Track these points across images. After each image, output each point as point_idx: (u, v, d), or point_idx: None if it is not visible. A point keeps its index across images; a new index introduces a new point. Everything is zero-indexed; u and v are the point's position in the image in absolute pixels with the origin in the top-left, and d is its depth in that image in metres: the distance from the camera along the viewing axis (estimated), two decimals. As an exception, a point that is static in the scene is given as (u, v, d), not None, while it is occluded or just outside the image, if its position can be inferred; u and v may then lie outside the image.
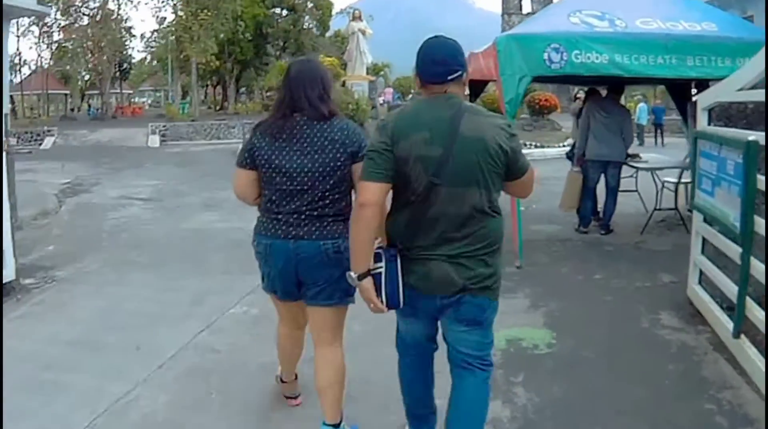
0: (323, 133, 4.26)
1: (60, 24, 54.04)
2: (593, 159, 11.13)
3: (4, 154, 7.86)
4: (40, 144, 36.50)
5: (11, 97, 59.01)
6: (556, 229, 11.67)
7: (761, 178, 5.31)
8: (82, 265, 9.96)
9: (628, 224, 11.86)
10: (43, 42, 57.45)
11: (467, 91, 4.88)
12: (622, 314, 7.40)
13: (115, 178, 21.37)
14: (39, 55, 62.57)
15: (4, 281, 8.05)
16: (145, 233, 12.32)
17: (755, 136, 5.38)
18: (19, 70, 60.38)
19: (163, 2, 52.98)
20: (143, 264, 10.00)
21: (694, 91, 14.84)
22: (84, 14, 52.94)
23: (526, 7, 66.26)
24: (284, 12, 66.16)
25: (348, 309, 4.65)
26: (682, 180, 11.87)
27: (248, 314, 7.57)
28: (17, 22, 53.33)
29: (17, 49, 59.18)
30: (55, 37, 56.30)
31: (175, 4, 51.75)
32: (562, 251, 10.29)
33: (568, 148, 23.44)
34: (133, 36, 59.42)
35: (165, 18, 52.71)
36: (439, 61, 3.90)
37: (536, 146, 25.12)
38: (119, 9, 54.59)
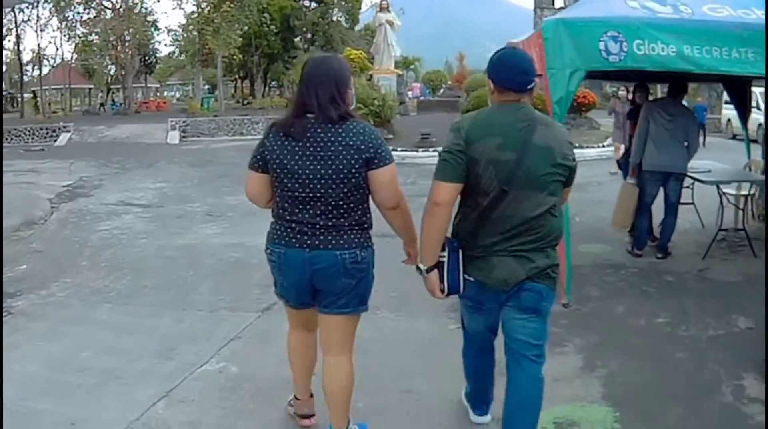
0: (337, 137, 4.08)
1: (82, 17, 52.87)
2: (652, 170, 9.44)
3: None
4: (55, 140, 35.45)
5: (33, 92, 58.23)
6: (605, 251, 10.02)
7: None
8: (48, 292, 8.59)
9: (686, 244, 10.25)
10: (64, 35, 56.37)
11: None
12: (698, 380, 5.83)
13: (121, 180, 20.01)
14: (57, 49, 61.50)
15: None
16: (131, 251, 10.81)
17: None
18: (39, 64, 59.28)
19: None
20: (117, 293, 8.54)
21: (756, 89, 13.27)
22: (106, 7, 51.72)
23: (558, 2, 65.01)
24: (312, 4, 65.03)
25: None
26: (743, 192, 10.36)
27: (224, 373, 6.00)
28: (37, 15, 52.72)
29: (38, 44, 58.13)
30: (77, 31, 54.99)
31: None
32: (615, 281, 8.64)
33: (607, 148, 22.21)
34: (158, 29, 58.06)
35: (194, 12, 51.27)
36: (522, 71, 4.17)
37: (574, 147, 23.22)
38: (142, 2, 53.27)
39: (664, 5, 7.63)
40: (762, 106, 20.66)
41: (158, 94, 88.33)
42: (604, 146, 23.26)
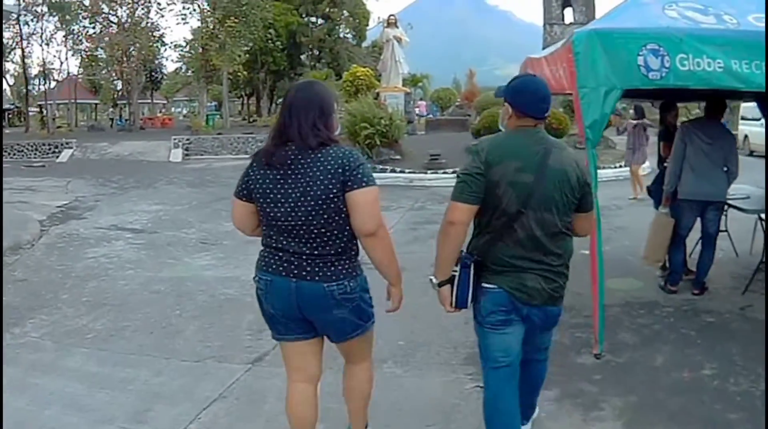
0: (316, 162, 4.03)
1: (87, 31, 52.40)
2: (689, 198, 8.52)
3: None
4: (57, 157, 34.96)
5: (39, 106, 57.79)
6: (635, 287, 9.08)
7: None
8: (22, 331, 7.80)
9: (721, 277, 9.32)
10: (69, 50, 55.89)
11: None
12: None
13: (117, 201, 19.27)
14: (62, 63, 61.02)
15: None
16: (116, 284, 9.93)
17: None
18: (45, 78, 58.83)
19: (188, 8, 51.04)
20: (95, 335, 7.69)
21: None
22: (112, 22, 51.25)
23: (568, 17, 64.56)
24: (319, 20, 64.63)
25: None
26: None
27: (204, 444, 5.11)
28: (42, 28, 52.45)
29: (43, 58, 57.73)
30: (83, 45, 54.53)
31: (201, 11, 49.81)
32: (651, 324, 7.71)
33: (624, 168, 21.27)
34: (164, 44, 57.41)
35: (200, 27, 50.83)
36: (542, 98, 4.43)
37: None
38: (148, 16, 52.60)
39: (707, 15, 6.77)
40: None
41: (164, 110, 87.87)
42: (620, 166, 22.40)
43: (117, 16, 51.19)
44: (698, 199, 8.50)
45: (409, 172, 21.97)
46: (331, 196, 4.00)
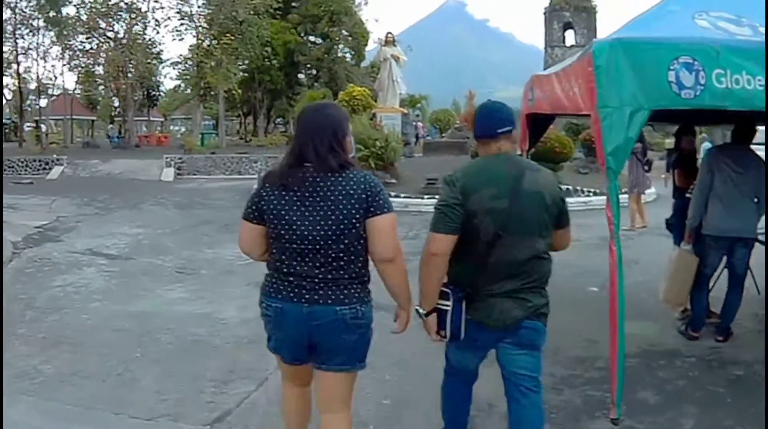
0: (337, 186, 3.98)
1: (84, 47, 52.14)
2: (716, 235, 7.61)
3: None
4: (48, 173, 34.62)
5: (36, 121, 57.33)
6: (652, 332, 8.16)
7: None
8: (-33, 372, 6.85)
9: (745, 319, 8.41)
10: (65, 65, 55.39)
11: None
12: None
13: (98, 222, 18.58)
14: (56, 78, 60.31)
15: None
16: (78, 319, 9.04)
17: None
18: (39, 94, 58.25)
19: (184, 24, 50.77)
20: (43, 380, 6.83)
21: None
22: (109, 38, 50.91)
23: (570, 40, 64.47)
24: (318, 39, 64.25)
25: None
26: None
27: None
28: (37, 43, 52.08)
29: (37, 73, 57.06)
30: (79, 60, 53.97)
31: (196, 27, 49.55)
32: (673, 379, 6.78)
33: (650, 200, 20.39)
34: (162, 61, 56.98)
35: (196, 43, 50.47)
36: (490, 116, 4.59)
37: (594, 193, 21.14)
38: (144, 32, 52.17)
39: (740, 26, 6.01)
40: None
41: (162, 127, 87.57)
42: (624, 192, 21.63)
43: (114, 32, 50.99)
44: (727, 236, 7.62)
45: (405, 197, 21.20)
46: (354, 221, 3.98)
